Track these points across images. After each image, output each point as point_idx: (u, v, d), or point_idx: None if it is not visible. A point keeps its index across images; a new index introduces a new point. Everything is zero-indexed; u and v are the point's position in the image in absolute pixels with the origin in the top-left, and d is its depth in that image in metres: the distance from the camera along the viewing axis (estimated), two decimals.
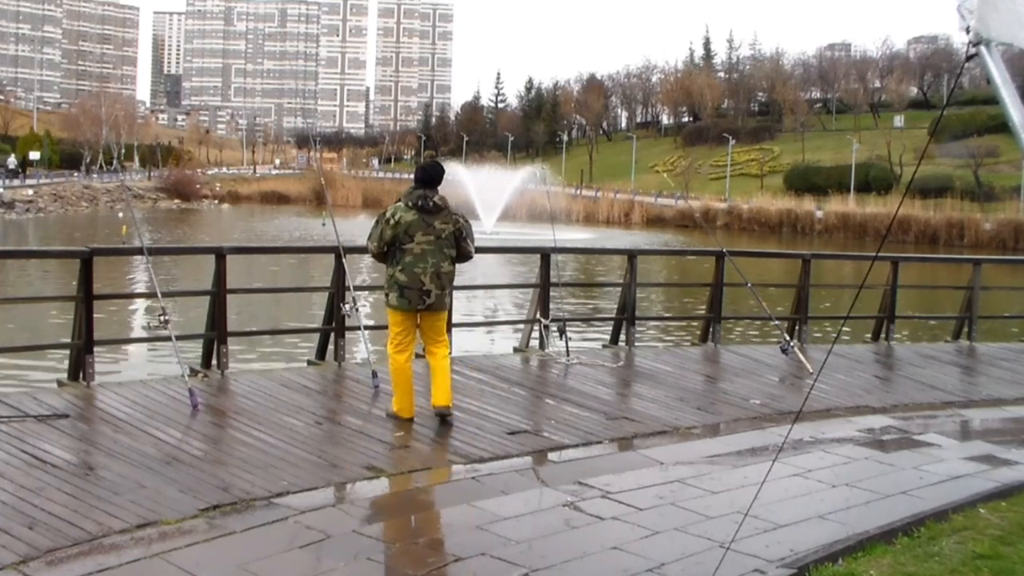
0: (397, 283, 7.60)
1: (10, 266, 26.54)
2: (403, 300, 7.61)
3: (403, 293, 7.60)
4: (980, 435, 9.39)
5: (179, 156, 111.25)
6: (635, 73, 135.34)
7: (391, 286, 7.65)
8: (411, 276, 7.57)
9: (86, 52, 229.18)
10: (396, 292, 7.62)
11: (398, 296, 7.62)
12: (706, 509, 6.07)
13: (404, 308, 7.65)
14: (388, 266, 7.70)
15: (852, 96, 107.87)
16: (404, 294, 7.60)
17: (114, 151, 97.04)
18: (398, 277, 7.59)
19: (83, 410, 7.51)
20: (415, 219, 7.57)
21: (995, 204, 65.09)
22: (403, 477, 6.55)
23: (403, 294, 7.60)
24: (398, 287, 7.60)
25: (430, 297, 7.63)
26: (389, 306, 7.71)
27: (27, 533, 5.07)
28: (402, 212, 7.59)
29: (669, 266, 35.60)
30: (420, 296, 7.60)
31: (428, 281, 7.59)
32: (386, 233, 7.60)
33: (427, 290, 7.60)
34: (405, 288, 7.59)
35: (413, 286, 7.58)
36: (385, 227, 7.61)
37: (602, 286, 26.53)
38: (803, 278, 12.91)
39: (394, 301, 7.65)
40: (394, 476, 6.55)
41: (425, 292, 7.60)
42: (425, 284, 7.58)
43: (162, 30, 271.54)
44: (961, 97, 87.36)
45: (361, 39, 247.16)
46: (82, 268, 8.30)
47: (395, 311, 7.70)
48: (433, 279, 7.61)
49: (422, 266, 7.57)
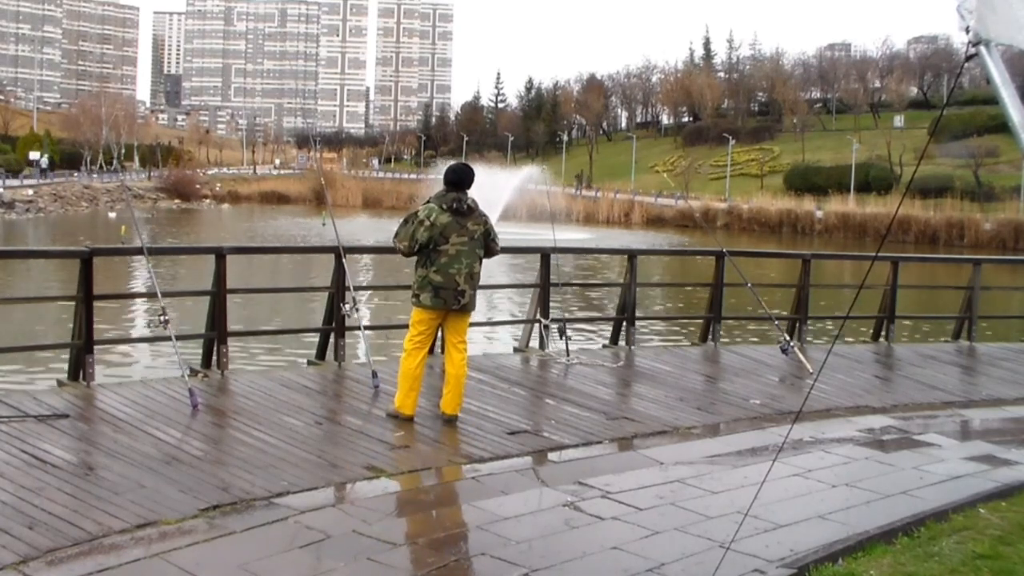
0: (431, 283, 7.67)
1: (10, 266, 26.53)
2: (438, 300, 7.68)
3: (438, 293, 7.67)
4: (980, 435, 9.39)
5: (179, 156, 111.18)
6: (635, 73, 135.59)
7: (423, 286, 7.71)
8: (447, 277, 7.65)
9: (86, 52, 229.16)
10: (431, 292, 7.68)
11: (432, 296, 7.68)
12: (706, 509, 6.07)
13: (439, 308, 7.72)
14: (420, 267, 7.76)
15: (852, 96, 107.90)
16: (440, 294, 7.67)
17: (114, 151, 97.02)
18: (432, 278, 7.66)
19: (83, 410, 7.51)
20: (450, 221, 7.66)
21: (995, 204, 65.07)
22: (403, 477, 6.55)
23: (438, 294, 7.67)
24: (432, 287, 7.67)
25: (464, 297, 7.75)
26: (420, 305, 7.75)
27: (27, 533, 5.07)
28: (437, 214, 7.66)
29: (669, 266, 35.60)
30: (455, 296, 7.71)
31: (463, 282, 7.71)
32: (421, 234, 7.65)
33: (462, 290, 7.72)
34: (441, 289, 7.66)
35: (449, 286, 7.67)
36: (419, 228, 7.66)
37: (602, 286, 26.53)
38: (803, 278, 12.91)
39: (427, 301, 7.70)
40: (394, 476, 6.55)
41: (460, 292, 7.71)
42: (460, 284, 7.70)
43: (162, 30, 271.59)
44: (961, 97, 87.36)
45: (361, 39, 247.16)
46: (82, 268, 8.30)
47: (425, 310, 7.76)
48: (467, 280, 7.73)
49: (457, 267, 7.67)
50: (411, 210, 8.00)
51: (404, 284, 9.27)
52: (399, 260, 8.29)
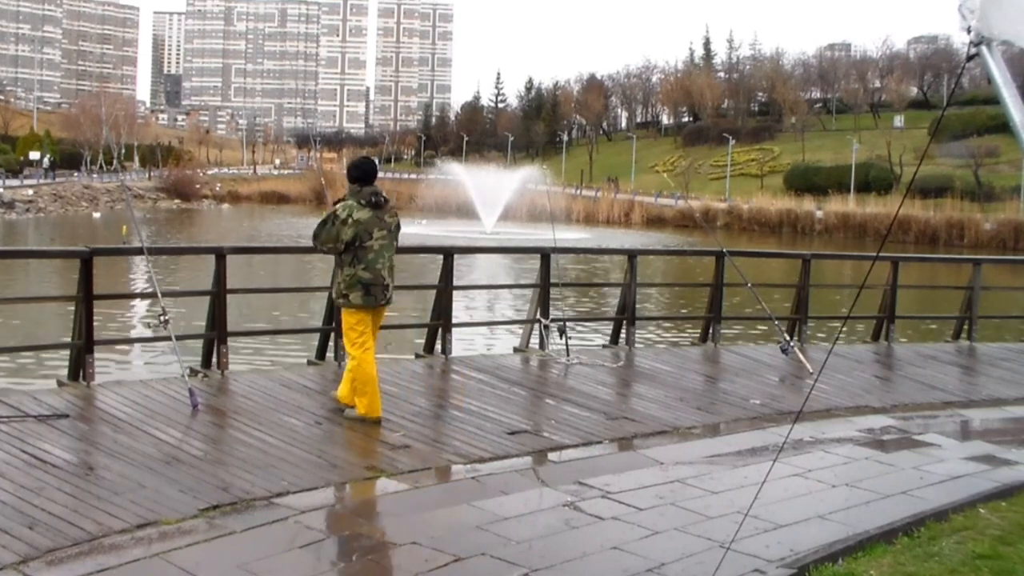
0: (361, 281, 7.61)
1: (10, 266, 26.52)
2: (369, 298, 7.64)
3: (369, 291, 7.63)
4: (980, 435, 9.39)
5: (179, 156, 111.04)
6: (635, 73, 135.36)
7: (352, 285, 7.62)
8: (374, 273, 7.62)
9: (86, 52, 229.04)
10: (361, 291, 7.62)
11: (363, 295, 7.62)
12: (706, 509, 6.07)
13: (371, 306, 7.67)
14: (346, 266, 7.66)
15: (852, 96, 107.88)
16: (370, 291, 7.63)
17: (114, 151, 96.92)
18: (362, 275, 7.60)
19: (83, 410, 7.51)
20: (371, 216, 7.62)
21: (995, 204, 65.01)
22: (403, 477, 6.55)
23: (369, 292, 7.63)
24: (362, 285, 7.61)
25: (389, 291, 7.74)
26: (352, 306, 7.68)
27: (27, 533, 5.07)
28: (357, 210, 7.60)
29: (669, 266, 35.59)
30: (383, 292, 7.70)
31: (387, 276, 7.70)
32: (346, 233, 7.57)
33: (387, 284, 7.71)
34: (371, 286, 7.62)
35: (377, 282, 7.64)
36: (343, 227, 7.58)
37: (602, 286, 26.53)
38: (803, 278, 12.90)
39: (359, 300, 7.64)
40: (394, 476, 6.55)
41: (385, 287, 7.70)
42: (385, 279, 7.68)
43: (162, 30, 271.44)
44: (961, 97, 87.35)
45: (361, 39, 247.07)
46: (82, 268, 8.30)
47: (358, 310, 7.69)
48: (390, 273, 7.73)
49: (381, 262, 7.65)
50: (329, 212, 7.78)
51: (404, 284, 9.26)
52: (401, 260, 8.27)
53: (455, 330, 10.67)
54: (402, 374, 9.46)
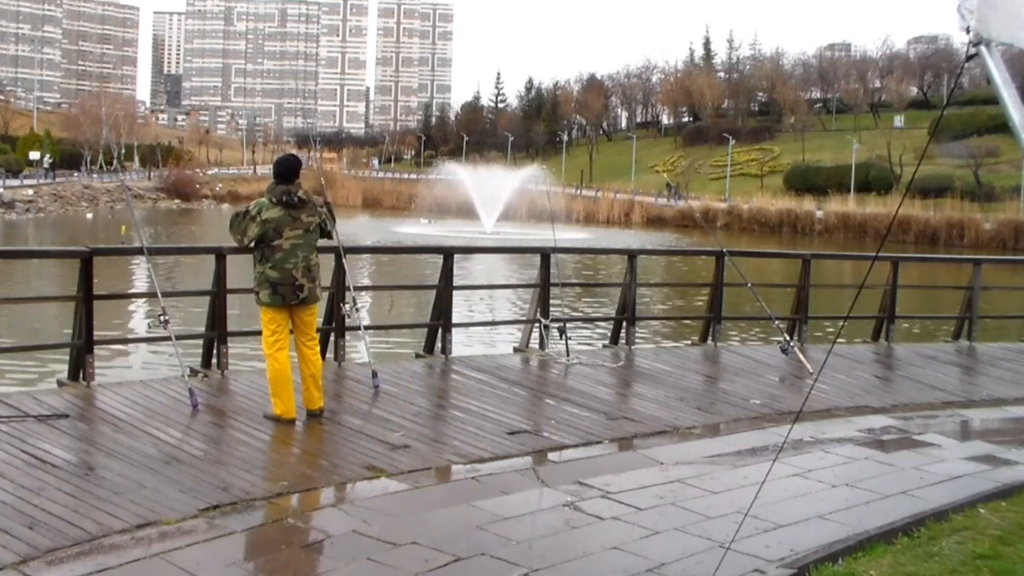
0: (268, 280, 7.61)
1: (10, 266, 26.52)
2: (276, 297, 7.62)
3: (276, 290, 7.61)
4: (980, 435, 9.39)
5: (179, 156, 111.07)
6: (635, 73, 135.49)
7: (262, 283, 7.63)
8: (283, 272, 7.60)
9: (86, 52, 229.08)
10: (269, 289, 7.61)
11: (271, 293, 7.62)
12: (706, 509, 6.06)
13: (278, 305, 7.65)
14: (257, 263, 7.69)
15: (852, 96, 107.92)
16: (278, 290, 7.61)
17: (114, 151, 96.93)
18: (269, 274, 7.60)
19: (83, 410, 7.51)
20: (281, 215, 7.59)
21: (995, 204, 65.04)
22: (403, 477, 6.55)
23: (276, 290, 7.61)
24: (270, 284, 7.61)
25: (303, 291, 7.69)
26: (262, 304, 7.69)
27: (27, 533, 5.07)
28: (267, 208, 7.60)
29: (669, 266, 35.59)
30: (294, 291, 7.66)
31: (300, 276, 7.65)
32: (252, 230, 7.59)
33: (300, 284, 7.66)
34: (278, 284, 7.60)
35: (286, 282, 7.61)
36: (250, 224, 7.61)
37: (602, 286, 26.52)
38: (803, 278, 12.90)
39: (267, 299, 7.63)
40: (394, 476, 6.54)
41: (298, 287, 7.66)
42: (298, 279, 7.64)
43: (162, 30, 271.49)
44: (961, 97, 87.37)
45: (361, 39, 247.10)
46: (82, 268, 8.30)
47: (268, 308, 7.68)
48: (304, 273, 7.68)
49: (293, 261, 7.61)
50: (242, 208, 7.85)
51: (404, 284, 9.26)
52: (400, 260, 8.27)
53: (455, 330, 10.67)
54: (402, 374, 9.47)
